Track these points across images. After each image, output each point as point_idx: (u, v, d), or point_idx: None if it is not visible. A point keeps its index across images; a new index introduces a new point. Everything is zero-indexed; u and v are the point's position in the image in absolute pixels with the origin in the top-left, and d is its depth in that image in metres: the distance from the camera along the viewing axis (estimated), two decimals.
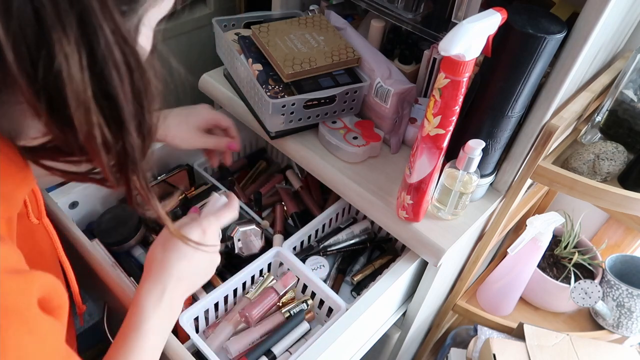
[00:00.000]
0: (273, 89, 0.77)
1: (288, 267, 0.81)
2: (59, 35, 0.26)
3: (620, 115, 0.77)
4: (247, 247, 0.84)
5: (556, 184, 0.71)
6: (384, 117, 0.80)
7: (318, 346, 0.69)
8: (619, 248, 1.08)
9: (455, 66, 0.54)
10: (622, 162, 0.75)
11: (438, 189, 0.72)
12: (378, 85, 0.78)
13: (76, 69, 0.27)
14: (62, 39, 0.26)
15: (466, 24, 0.51)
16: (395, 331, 0.96)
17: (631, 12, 0.69)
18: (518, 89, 0.63)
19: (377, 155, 0.82)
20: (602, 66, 0.78)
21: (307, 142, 0.83)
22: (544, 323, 1.03)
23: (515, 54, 0.60)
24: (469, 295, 1.06)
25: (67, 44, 0.26)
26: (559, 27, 0.59)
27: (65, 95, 0.28)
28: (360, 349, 0.85)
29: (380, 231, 0.97)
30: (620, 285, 0.92)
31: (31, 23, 0.26)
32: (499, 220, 0.80)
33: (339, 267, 0.92)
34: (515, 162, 0.73)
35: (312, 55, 0.79)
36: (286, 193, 1.01)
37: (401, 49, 0.88)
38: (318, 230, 0.91)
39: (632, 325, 0.95)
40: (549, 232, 0.86)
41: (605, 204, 0.70)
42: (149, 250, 0.60)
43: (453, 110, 0.59)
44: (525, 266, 0.93)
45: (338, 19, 0.89)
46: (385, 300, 0.78)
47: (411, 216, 0.72)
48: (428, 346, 1.15)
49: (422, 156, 0.64)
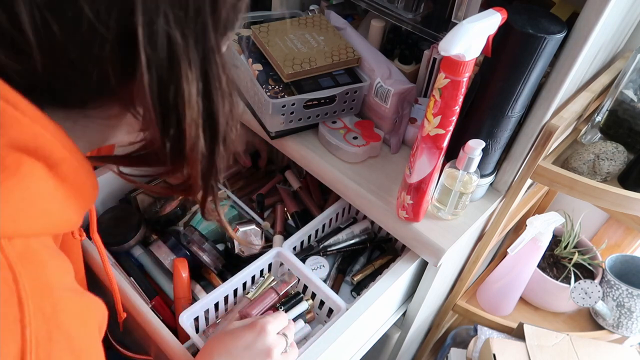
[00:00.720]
0: (273, 89, 0.77)
1: (288, 267, 0.81)
2: (185, 66, 0.32)
3: (620, 115, 0.77)
4: (247, 247, 0.85)
5: (556, 184, 0.71)
6: (384, 117, 0.80)
7: (318, 346, 0.69)
8: (619, 248, 1.08)
9: (455, 66, 0.54)
10: (622, 162, 0.75)
11: (438, 189, 0.72)
12: (378, 85, 0.78)
13: (194, 93, 0.34)
14: (187, 69, 0.33)
15: (466, 24, 0.51)
16: (395, 331, 0.96)
17: (631, 12, 0.69)
18: (518, 89, 0.63)
19: (377, 155, 0.82)
20: (602, 66, 0.78)
21: (307, 142, 0.83)
22: (544, 323, 1.03)
23: (515, 54, 0.60)
24: (469, 295, 1.06)
25: (190, 73, 0.33)
26: (559, 27, 0.59)
27: (182, 113, 0.34)
28: (360, 349, 0.85)
29: (380, 231, 0.97)
30: (620, 285, 0.92)
31: (166, 54, 0.31)
32: (499, 220, 0.80)
33: (339, 267, 0.92)
34: (515, 162, 0.73)
35: (312, 55, 0.79)
36: (286, 193, 1.01)
37: (401, 49, 0.88)
38: (318, 230, 0.91)
39: (632, 325, 0.95)
40: (549, 232, 0.86)
41: (605, 204, 0.70)
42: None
43: (453, 110, 0.59)
44: (525, 266, 0.93)
45: (338, 19, 0.89)
46: (385, 300, 0.78)
47: (411, 216, 0.72)
48: (428, 346, 1.15)
49: (422, 156, 0.64)
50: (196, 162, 0.38)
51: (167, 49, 0.31)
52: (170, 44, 0.31)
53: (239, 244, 0.84)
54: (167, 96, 0.33)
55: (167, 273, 0.84)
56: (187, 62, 0.32)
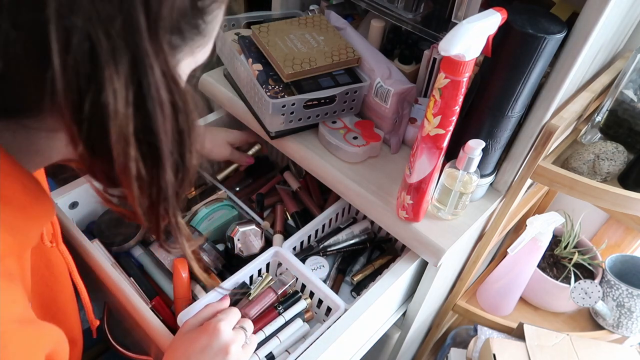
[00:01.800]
0: (273, 89, 0.77)
1: (287, 267, 0.81)
2: (111, 71, 0.27)
3: (620, 115, 0.77)
4: (247, 248, 0.85)
5: (556, 184, 0.71)
6: (384, 117, 0.80)
7: (318, 346, 0.69)
8: (619, 248, 1.08)
9: (455, 66, 0.54)
10: (622, 162, 0.75)
11: (438, 189, 0.72)
12: (378, 85, 0.78)
13: (122, 104, 0.28)
14: (113, 75, 0.27)
15: (466, 24, 0.51)
16: (395, 331, 0.96)
17: (631, 12, 0.69)
18: (518, 89, 0.63)
19: (377, 155, 0.82)
20: (602, 66, 0.78)
21: (307, 142, 0.83)
22: (544, 323, 1.03)
23: (515, 54, 0.60)
24: (469, 295, 1.06)
25: (117, 80, 0.27)
26: (559, 27, 0.59)
27: (107, 128, 0.29)
28: (360, 349, 0.85)
29: (380, 231, 0.97)
30: (620, 285, 0.92)
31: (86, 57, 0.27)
32: (499, 220, 0.80)
33: (338, 267, 0.92)
34: (515, 162, 0.73)
35: (312, 55, 0.79)
36: (286, 193, 1.01)
37: (401, 49, 0.88)
38: (318, 230, 0.91)
39: (632, 325, 0.95)
40: (549, 232, 0.86)
41: (605, 204, 0.70)
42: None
43: (453, 110, 0.59)
44: (525, 266, 0.93)
45: (338, 19, 0.89)
46: (385, 300, 0.78)
47: (411, 216, 0.72)
48: (428, 346, 1.15)
49: (422, 156, 0.64)
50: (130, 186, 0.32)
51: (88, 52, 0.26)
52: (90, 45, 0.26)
53: (237, 246, 0.84)
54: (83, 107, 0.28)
55: (167, 273, 0.84)
56: (112, 67, 0.27)
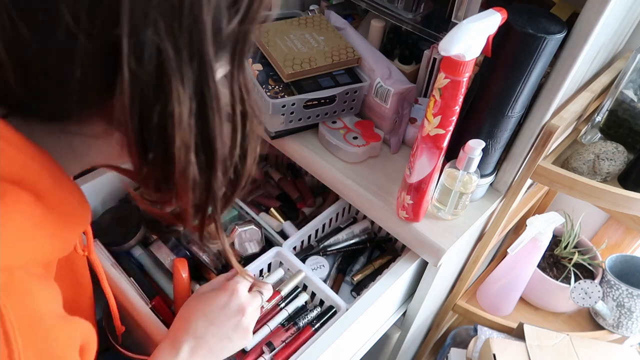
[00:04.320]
0: (273, 89, 0.77)
1: (288, 267, 0.81)
2: (177, 83, 0.29)
3: (620, 115, 0.77)
4: (245, 248, 0.85)
5: (556, 184, 0.71)
6: (384, 117, 0.80)
7: (318, 346, 0.69)
8: (619, 248, 1.08)
9: (455, 66, 0.54)
10: (622, 162, 0.75)
11: (438, 189, 0.72)
12: (378, 85, 0.78)
13: (186, 113, 0.30)
14: (179, 86, 0.29)
15: (466, 24, 0.51)
16: (395, 331, 0.96)
17: (631, 12, 0.69)
18: (518, 89, 0.63)
19: (377, 155, 0.82)
20: (602, 66, 0.78)
21: (307, 142, 0.83)
22: (544, 323, 1.03)
23: (515, 54, 0.60)
24: (469, 295, 1.06)
25: (182, 91, 0.29)
26: (559, 27, 0.59)
27: (170, 136, 0.30)
28: (360, 349, 0.85)
29: (380, 231, 0.97)
30: (620, 285, 0.92)
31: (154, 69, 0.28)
32: (499, 220, 0.80)
33: (339, 267, 0.92)
34: (515, 162, 0.73)
35: (312, 55, 0.79)
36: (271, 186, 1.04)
37: (401, 49, 0.88)
38: (318, 230, 0.91)
39: (632, 325, 0.95)
40: (549, 232, 0.86)
41: (605, 204, 0.70)
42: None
43: (453, 110, 0.59)
44: (525, 266, 0.93)
45: (338, 19, 0.89)
46: (385, 300, 0.78)
47: (411, 216, 0.72)
48: (428, 346, 1.15)
49: (422, 156, 0.64)
50: (186, 190, 0.34)
51: (156, 64, 0.28)
52: (160, 58, 0.28)
53: (237, 245, 0.84)
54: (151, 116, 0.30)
55: (167, 273, 0.84)
56: (179, 79, 0.29)
